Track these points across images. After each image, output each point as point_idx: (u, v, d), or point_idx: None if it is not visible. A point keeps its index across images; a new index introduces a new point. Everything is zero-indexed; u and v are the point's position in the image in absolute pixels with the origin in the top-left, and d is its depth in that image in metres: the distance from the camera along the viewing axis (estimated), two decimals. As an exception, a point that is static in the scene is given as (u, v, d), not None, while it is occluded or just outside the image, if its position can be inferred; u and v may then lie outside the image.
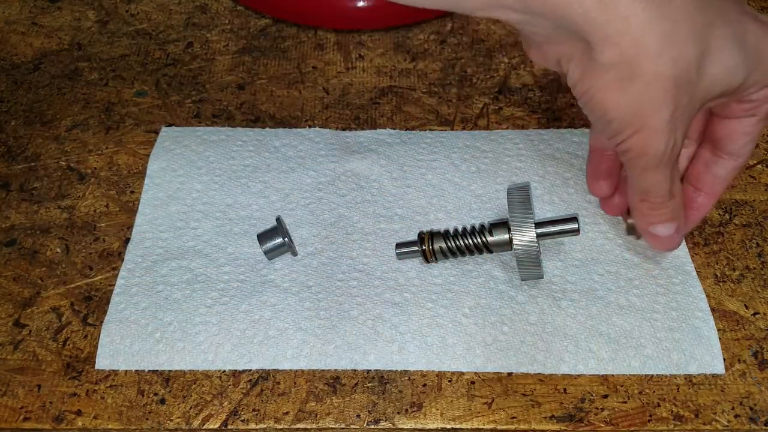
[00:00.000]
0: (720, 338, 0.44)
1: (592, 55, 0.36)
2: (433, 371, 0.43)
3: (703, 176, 0.44)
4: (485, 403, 0.42)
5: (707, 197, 0.44)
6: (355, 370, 0.43)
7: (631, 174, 0.40)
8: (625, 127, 0.37)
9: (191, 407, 0.42)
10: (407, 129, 0.55)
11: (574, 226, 0.45)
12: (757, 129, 0.41)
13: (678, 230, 0.41)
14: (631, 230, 0.46)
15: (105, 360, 0.43)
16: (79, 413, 0.41)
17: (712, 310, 0.45)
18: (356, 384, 0.42)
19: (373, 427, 0.41)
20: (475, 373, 0.43)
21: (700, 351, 0.43)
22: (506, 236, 0.45)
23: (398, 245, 0.47)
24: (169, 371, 0.43)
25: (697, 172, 0.44)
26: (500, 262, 0.47)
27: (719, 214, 0.50)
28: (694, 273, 0.46)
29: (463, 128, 0.55)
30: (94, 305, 0.46)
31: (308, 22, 0.62)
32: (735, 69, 0.37)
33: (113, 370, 0.43)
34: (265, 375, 0.43)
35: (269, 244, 0.46)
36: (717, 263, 0.48)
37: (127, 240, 0.48)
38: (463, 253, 0.46)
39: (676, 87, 0.36)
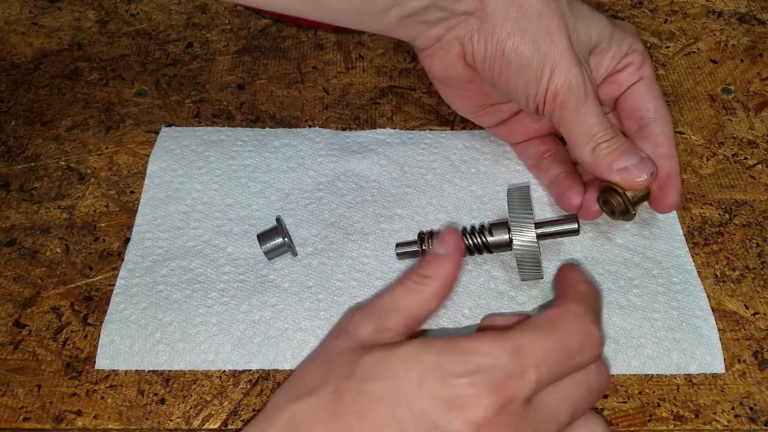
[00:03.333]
0: (720, 338, 0.44)
1: (485, 16, 0.43)
2: (433, 371, 0.43)
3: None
4: (485, 403, 0.42)
5: (666, 159, 0.45)
6: (355, 370, 0.43)
7: (571, 123, 0.43)
8: (543, 66, 0.42)
9: (191, 407, 0.42)
10: (407, 129, 0.55)
11: (573, 226, 0.45)
12: (652, 88, 0.46)
13: (643, 159, 0.42)
14: (615, 211, 0.44)
15: (105, 360, 0.43)
16: (79, 413, 0.41)
17: (712, 310, 0.45)
18: (356, 384, 0.42)
19: (373, 427, 0.41)
20: (475, 373, 0.43)
21: (700, 350, 0.43)
22: (506, 236, 0.45)
23: (398, 245, 0.47)
24: (169, 371, 0.43)
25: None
26: (500, 262, 0.47)
27: (719, 214, 0.50)
28: (695, 272, 0.46)
29: (463, 128, 0.55)
30: (94, 305, 0.46)
31: (308, 22, 0.62)
32: (596, 28, 0.45)
33: (113, 370, 0.43)
34: (265, 375, 0.43)
35: (269, 244, 0.46)
36: (717, 263, 0.48)
37: (127, 240, 0.48)
38: (462, 254, 0.46)
39: (562, 17, 0.43)
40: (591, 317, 0.35)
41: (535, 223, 0.44)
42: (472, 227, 0.46)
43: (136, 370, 0.43)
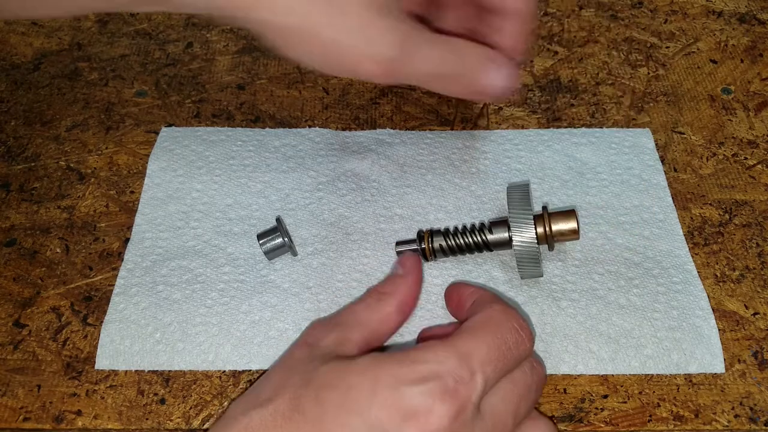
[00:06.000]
0: (720, 338, 0.43)
1: None
2: (433, 371, 0.43)
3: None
4: (485, 403, 0.42)
5: (511, 19, 0.43)
6: (355, 370, 0.43)
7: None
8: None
9: (191, 407, 0.42)
10: (407, 129, 0.55)
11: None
12: None
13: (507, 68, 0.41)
14: (542, 240, 0.45)
15: (105, 360, 0.43)
16: (79, 413, 0.41)
17: (712, 310, 0.45)
18: (356, 384, 0.42)
19: (373, 427, 0.41)
20: (475, 373, 0.43)
21: (700, 350, 0.43)
22: (506, 235, 0.45)
23: (398, 243, 0.47)
24: (169, 371, 0.43)
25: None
26: (500, 262, 0.47)
27: (719, 214, 0.50)
28: (695, 272, 0.46)
29: (463, 128, 0.55)
30: (94, 305, 0.46)
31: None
32: None
33: (113, 370, 0.43)
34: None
35: (269, 245, 0.46)
36: (717, 263, 0.48)
37: (127, 240, 0.48)
38: (462, 252, 0.46)
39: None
40: (515, 312, 0.37)
41: (535, 222, 0.44)
42: (473, 225, 0.46)
43: (136, 370, 0.43)
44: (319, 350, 0.37)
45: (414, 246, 0.46)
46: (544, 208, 0.45)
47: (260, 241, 0.46)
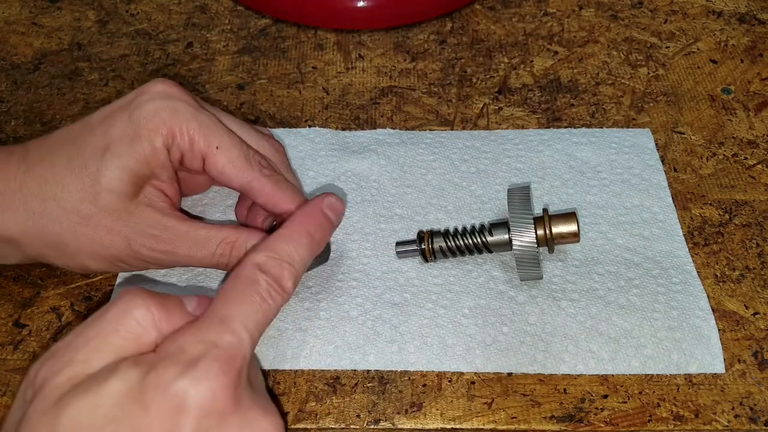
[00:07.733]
0: (720, 338, 0.43)
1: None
2: (433, 371, 0.43)
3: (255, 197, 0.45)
4: (485, 403, 0.42)
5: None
6: (354, 370, 0.43)
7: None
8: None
9: (191, 407, 0.42)
10: (407, 129, 0.55)
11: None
12: (224, 162, 0.43)
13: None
14: (541, 242, 0.45)
15: (105, 360, 0.43)
16: (79, 413, 0.41)
17: (712, 310, 0.45)
18: (356, 384, 0.43)
19: (373, 427, 0.41)
20: (475, 373, 0.43)
21: (700, 350, 0.43)
22: (506, 236, 0.45)
23: (398, 243, 0.47)
24: (169, 371, 0.43)
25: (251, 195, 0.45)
26: (500, 262, 0.47)
27: (719, 214, 0.50)
28: (695, 272, 0.46)
29: (463, 128, 0.55)
30: (94, 305, 0.46)
31: (308, 22, 0.62)
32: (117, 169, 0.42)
33: (113, 370, 0.43)
34: (264, 375, 0.43)
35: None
36: (717, 263, 0.48)
37: (127, 240, 0.48)
38: (462, 253, 0.46)
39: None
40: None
41: (535, 224, 0.44)
42: (473, 227, 0.46)
43: (136, 370, 0.43)
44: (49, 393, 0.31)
45: (414, 246, 0.46)
46: (545, 210, 0.45)
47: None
